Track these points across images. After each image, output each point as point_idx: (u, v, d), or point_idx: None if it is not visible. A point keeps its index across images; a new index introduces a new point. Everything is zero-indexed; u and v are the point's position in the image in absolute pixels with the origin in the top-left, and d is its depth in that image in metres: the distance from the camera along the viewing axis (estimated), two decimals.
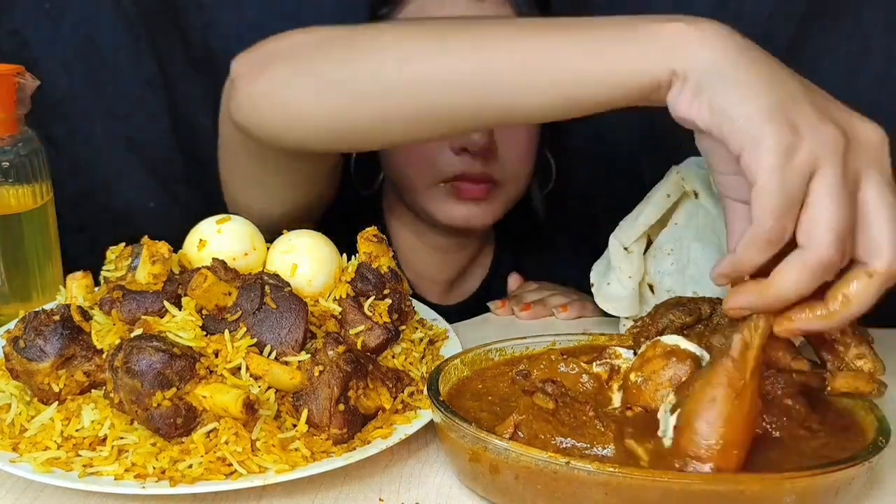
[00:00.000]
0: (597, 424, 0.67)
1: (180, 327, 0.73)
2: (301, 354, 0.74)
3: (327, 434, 0.71)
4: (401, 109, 0.76)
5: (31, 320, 0.74)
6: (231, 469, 0.67)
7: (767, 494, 0.62)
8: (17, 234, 0.94)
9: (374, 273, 0.85)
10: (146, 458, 0.67)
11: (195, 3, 1.31)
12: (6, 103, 0.92)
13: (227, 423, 0.68)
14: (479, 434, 0.66)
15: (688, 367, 0.70)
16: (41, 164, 0.96)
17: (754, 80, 0.63)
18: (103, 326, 0.75)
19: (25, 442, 0.70)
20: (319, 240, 0.86)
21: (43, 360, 0.72)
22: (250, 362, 0.72)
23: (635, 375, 0.72)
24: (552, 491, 0.63)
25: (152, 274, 0.79)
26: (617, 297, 0.99)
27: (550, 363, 0.76)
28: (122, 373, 0.67)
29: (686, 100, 0.65)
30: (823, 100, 0.65)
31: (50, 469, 0.66)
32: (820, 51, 1.23)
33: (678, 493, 0.61)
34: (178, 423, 0.68)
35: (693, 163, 0.96)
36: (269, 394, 0.72)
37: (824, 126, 0.62)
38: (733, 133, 0.62)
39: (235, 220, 0.86)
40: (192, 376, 0.68)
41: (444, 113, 0.75)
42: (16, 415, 0.72)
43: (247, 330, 0.74)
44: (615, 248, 0.98)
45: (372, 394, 0.74)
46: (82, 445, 0.69)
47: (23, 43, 1.30)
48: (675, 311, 0.82)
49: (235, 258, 0.82)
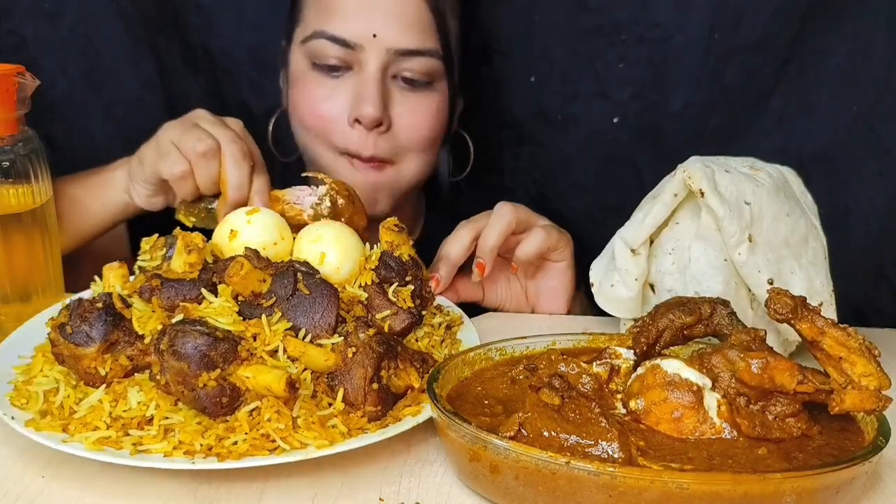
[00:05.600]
0: (602, 422, 0.67)
1: (218, 313, 0.77)
2: (334, 337, 0.78)
3: (362, 411, 0.75)
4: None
5: (75, 308, 0.78)
6: (274, 445, 0.71)
7: (767, 494, 0.62)
8: (17, 234, 0.94)
9: (396, 261, 0.89)
10: (193, 436, 0.71)
11: (194, 3, 1.31)
12: (6, 103, 0.92)
13: (269, 402, 0.72)
14: (479, 434, 0.66)
15: (690, 397, 0.70)
16: (41, 164, 0.96)
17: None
18: (143, 313, 0.78)
19: (75, 423, 0.73)
20: (345, 230, 0.92)
21: (89, 344, 0.76)
22: (287, 345, 0.75)
23: (635, 403, 0.72)
24: (552, 490, 0.63)
25: (188, 263, 0.83)
26: (622, 299, 0.98)
27: (550, 363, 0.76)
28: (169, 355, 0.71)
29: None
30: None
31: (101, 448, 0.70)
32: (820, 51, 1.23)
33: (678, 492, 0.61)
34: (224, 402, 0.72)
35: (698, 161, 0.96)
36: (305, 374, 0.76)
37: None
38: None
39: (264, 211, 0.91)
40: (234, 358, 0.73)
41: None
42: (64, 397, 0.76)
43: (282, 315, 0.78)
44: (621, 249, 0.98)
45: (402, 373, 0.78)
46: (130, 425, 0.73)
47: (22, 43, 1.30)
48: (675, 311, 0.82)
49: (265, 247, 0.87)
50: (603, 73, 1.31)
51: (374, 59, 1.11)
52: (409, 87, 1.15)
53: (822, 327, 0.71)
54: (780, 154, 1.23)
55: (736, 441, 0.70)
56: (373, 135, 1.14)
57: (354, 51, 1.12)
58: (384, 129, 1.14)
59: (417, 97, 1.15)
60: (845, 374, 0.70)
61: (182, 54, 1.36)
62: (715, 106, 1.29)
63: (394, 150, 1.16)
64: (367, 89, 1.11)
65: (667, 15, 1.25)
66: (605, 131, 1.35)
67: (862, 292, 1.29)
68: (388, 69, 1.13)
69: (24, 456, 0.75)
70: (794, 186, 1.01)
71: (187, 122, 1.06)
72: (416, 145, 1.18)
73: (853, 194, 1.27)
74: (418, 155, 1.19)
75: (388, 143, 1.15)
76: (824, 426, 0.72)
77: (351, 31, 1.11)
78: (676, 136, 1.32)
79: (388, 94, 1.14)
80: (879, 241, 1.28)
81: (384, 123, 1.13)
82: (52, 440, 0.71)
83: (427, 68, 1.14)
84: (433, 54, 1.14)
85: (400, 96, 1.15)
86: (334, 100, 1.14)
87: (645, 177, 1.34)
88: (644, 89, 1.30)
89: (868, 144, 1.25)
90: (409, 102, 1.15)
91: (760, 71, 1.26)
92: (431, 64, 1.14)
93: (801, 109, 1.27)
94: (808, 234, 0.96)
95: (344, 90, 1.14)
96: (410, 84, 1.14)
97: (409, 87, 1.14)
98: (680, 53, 1.27)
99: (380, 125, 1.13)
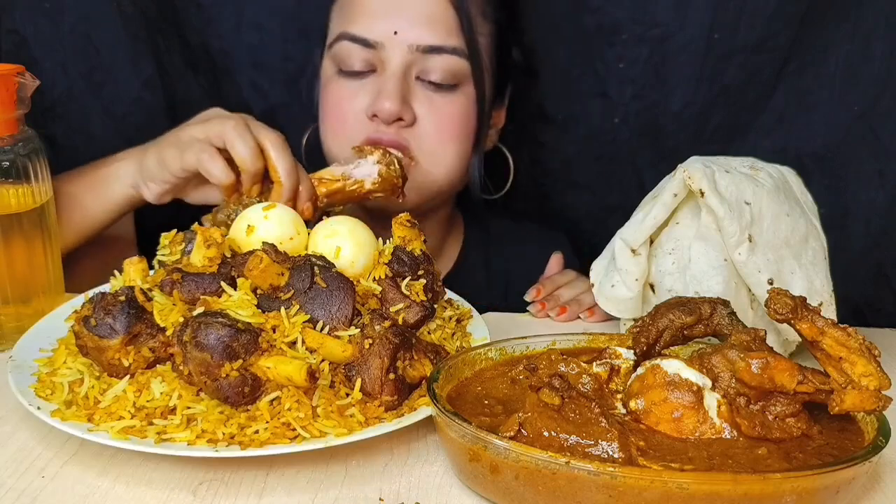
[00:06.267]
0: (602, 422, 0.67)
1: (238, 306, 0.78)
2: (351, 329, 0.79)
3: (379, 401, 0.77)
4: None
5: (98, 301, 0.79)
6: (294, 434, 0.72)
7: (767, 494, 0.62)
8: (17, 235, 0.94)
9: (408, 255, 0.90)
10: (215, 425, 0.72)
11: (194, 2, 1.31)
12: (6, 103, 0.92)
13: (289, 392, 0.74)
14: (479, 434, 0.66)
15: (690, 397, 0.70)
16: (41, 164, 0.95)
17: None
18: (165, 306, 0.80)
19: (100, 412, 0.75)
20: (359, 224, 0.93)
21: (113, 336, 0.78)
22: (306, 336, 0.77)
23: (635, 403, 0.72)
24: (552, 490, 0.63)
25: (207, 257, 0.85)
26: (622, 299, 0.98)
27: (550, 363, 0.76)
28: (192, 346, 0.73)
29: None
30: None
31: (126, 436, 0.71)
32: (820, 51, 1.23)
33: (678, 492, 0.61)
34: (246, 391, 0.74)
35: (698, 161, 0.96)
36: (324, 365, 0.77)
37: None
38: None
39: (280, 207, 0.93)
40: (255, 349, 0.74)
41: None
42: (88, 388, 0.78)
43: (300, 307, 0.79)
44: (621, 249, 0.98)
45: (417, 364, 0.79)
46: (154, 415, 0.74)
47: (22, 42, 1.29)
48: (675, 311, 0.82)
49: (282, 242, 0.88)
50: (603, 73, 1.31)
51: (396, 56, 1.11)
52: (434, 89, 1.14)
53: (822, 327, 0.71)
54: (780, 154, 1.23)
55: (736, 441, 0.70)
56: (393, 127, 1.13)
57: (376, 50, 1.12)
58: (406, 124, 1.13)
59: (443, 98, 1.15)
60: (845, 374, 0.70)
61: (182, 54, 1.36)
62: (715, 106, 1.29)
63: (418, 147, 1.15)
64: (387, 86, 1.11)
65: (667, 15, 1.25)
66: (605, 131, 1.35)
67: (862, 292, 1.29)
68: (412, 68, 1.13)
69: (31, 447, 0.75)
70: (794, 186, 1.01)
71: (202, 117, 1.06)
72: (442, 147, 1.17)
73: (853, 194, 1.27)
74: (444, 158, 1.18)
75: (412, 137, 1.14)
76: (824, 426, 0.72)
77: (372, 31, 1.12)
78: (676, 136, 1.32)
79: (410, 93, 1.13)
80: (879, 241, 1.28)
81: (405, 118, 1.12)
82: (78, 429, 0.72)
83: (451, 67, 1.13)
84: (457, 52, 1.13)
85: (424, 97, 1.14)
86: (357, 99, 1.14)
87: (645, 177, 1.34)
88: (644, 89, 1.30)
89: (868, 144, 1.25)
90: (433, 103, 1.14)
91: (760, 71, 1.26)
92: (455, 63, 1.13)
93: (801, 109, 1.27)
94: (808, 234, 0.96)
95: (366, 90, 1.14)
96: (436, 86, 1.14)
97: (434, 88, 1.14)
98: (680, 53, 1.26)
99: (400, 120, 1.12)
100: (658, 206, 0.96)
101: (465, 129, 1.18)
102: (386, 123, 1.12)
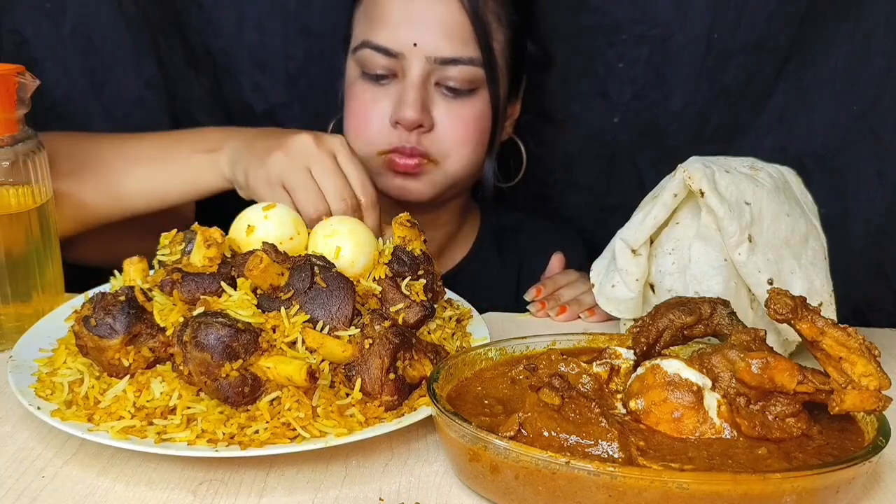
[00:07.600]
0: (602, 422, 0.67)
1: (238, 306, 0.78)
2: (351, 329, 0.79)
3: (379, 401, 0.77)
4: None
5: (98, 301, 0.79)
6: (294, 433, 0.72)
7: (767, 494, 0.62)
8: (17, 234, 0.94)
9: (408, 255, 0.91)
10: (215, 425, 0.72)
11: (195, 3, 1.31)
12: (6, 103, 0.92)
13: (289, 392, 0.74)
14: (479, 434, 0.66)
15: (690, 397, 0.70)
16: (41, 164, 0.95)
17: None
18: (165, 306, 0.80)
19: (100, 412, 0.75)
20: (359, 224, 0.94)
21: (113, 336, 0.78)
22: (306, 336, 0.77)
23: (635, 403, 0.72)
24: (552, 490, 0.63)
25: (207, 257, 0.85)
26: (623, 299, 0.98)
27: (550, 363, 0.76)
28: (192, 347, 0.73)
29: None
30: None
31: (126, 436, 0.71)
32: (820, 51, 1.23)
33: (678, 492, 0.61)
34: (246, 391, 0.74)
35: (698, 161, 0.96)
36: (324, 365, 0.77)
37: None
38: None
39: (280, 207, 0.93)
40: (255, 349, 0.74)
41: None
42: (88, 388, 0.78)
43: (300, 307, 0.79)
44: (622, 250, 0.98)
45: (417, 364, 0.79)
46: (154, 415, 0.74)
47: (22, 43, 1.29)
48: (675, 311, 0.82)
49: (282, 242, 0.88)
50: (603, 72, 1.31)
51: (416, 66, 1.16)
52: (452, 95, 1.19)
53: (822, 327, 0.71)
54: (780, 154, 1.23)
55: (736, 441, 0.70)
56: (414, 134, 1.19)
57: (397, 59, 1.17)
58: (425, 130, 1.19)
59: (460, 103, 1.20)
60: (845, 374, 0.70)
61: (183, 54, 1.36)
62: (715, 106, 1.29)
63: (437, 150, 1.21)
64: (408, 95, 1.16)
65: (667, 15, 1.25)
66: (605, 131, 1.35)
67: (862, 292, 1.29)
68: (431, 77, 1.18)
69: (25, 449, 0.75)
70: (794, 186, 1.01)
71: (294, 149, 1.05)
72: (459, 149, 1.22)
73: (853, 194, 1.27)
74: (461, 158, 1.22)
75: (431, 142, 1.20)
76: (824, 426, 0.73)
77: (393, 41, 1.16)
78: (676, 136, 1.32)
79: (430, 100, 1.19)
80: (879, 241, 1.28)
81: (425, 125, 1.18)
82: (78, 429, 0.72)
83: (468, 76, 1.18)
84: (473, 62, 1.18)
85: (442, 102, 1.19)
86: (379, 103, 1.19)
87: (645, 177, 1.34)
88: (644, 89, 1.30)
89: (868, 144, 1.25)
90: (451, 108, 1.20)
91: (760, 71, 1.26)
92: (472, 72, 1.18)
93: (801, 109, 1.27)
94: (807, 234, 0.96)
95: (388, 96, 1.19)
96: (453, 92, 1.19)
97: (452, 94, 1.19)
98: (680, 53, 1.27)
99: (420, 126, 1.18)
100: (658, 207, 0.96)
101: (481, 130, 1.23)
102: (407, 131, 1.18)
